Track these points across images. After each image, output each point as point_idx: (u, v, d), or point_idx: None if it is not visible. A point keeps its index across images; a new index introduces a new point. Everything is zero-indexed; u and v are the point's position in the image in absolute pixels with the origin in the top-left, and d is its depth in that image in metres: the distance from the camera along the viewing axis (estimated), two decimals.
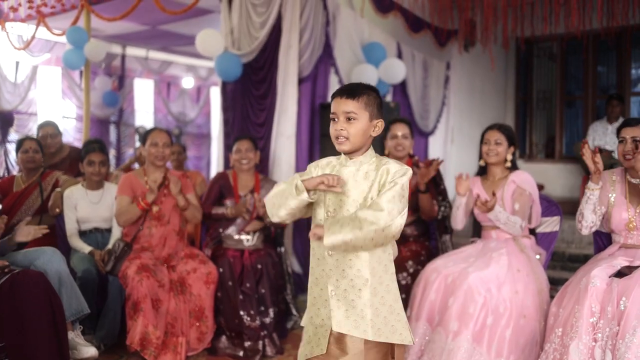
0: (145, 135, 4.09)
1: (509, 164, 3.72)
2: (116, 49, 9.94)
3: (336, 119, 2.17)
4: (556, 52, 8.60)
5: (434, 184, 4.17)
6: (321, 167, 2.28)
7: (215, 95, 12.06)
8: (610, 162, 6.81)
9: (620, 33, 7.33)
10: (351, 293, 2.13)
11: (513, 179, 3.66)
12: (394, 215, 2.05)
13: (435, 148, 7.37)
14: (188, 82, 11.82)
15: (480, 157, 3.81)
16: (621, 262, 3.17)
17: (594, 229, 3.34)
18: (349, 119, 2.15)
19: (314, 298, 2.22)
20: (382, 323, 2.13)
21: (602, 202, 3.34)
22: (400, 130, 4.09)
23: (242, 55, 5.37)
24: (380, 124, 2.21)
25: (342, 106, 2.15)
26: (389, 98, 6.38)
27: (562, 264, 5.96)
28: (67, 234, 4.21)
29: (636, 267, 3.07)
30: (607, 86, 8.63)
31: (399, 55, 6.52)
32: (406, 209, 2.12)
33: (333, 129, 2.17)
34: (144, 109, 11.50)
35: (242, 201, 4.19)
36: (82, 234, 4.25)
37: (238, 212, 4.17)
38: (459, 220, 3.79)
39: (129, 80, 10.99)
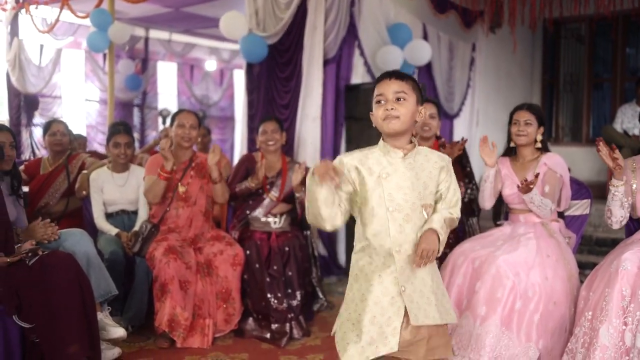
0: (172, 117, 4.09)
1: (539, 145, 3.64)
2: (139, 31, 9.96)
3: (383, 101, 2.15)
4: (584, 33, 8.43)
5: (460, 166, 4.11)
6: (359, 161, 2.18)
7: (238, 78, 12.04)
8: (638, 147, 6.68)
9: None
10: (418, 283, 2.17)
11: (545, 161, 3.58)
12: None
13: (460, 131, 7.29)
14: (211, 65, 11.81)
15: (509, 138, 3.73)
16: None
17: (624, 222, 3.28)
18: (398, 99, 2.13)
19: (376, 296, 2.14)
20: (442, 306, 2.20)
21: (626, 193, 3.26)
22: (427, 110, 4.01)
23: (267, 36, 5.34)
24: (423, 111, 2.22)
25: (391, 87, 2.14)
26: None
27: (590, 247, 5.89)
28: (93, 216, 4.22)
29: None
30: (636, 68, 8.45)
31: (425, 37, 6.44)
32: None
33: (382, 110, 2.14)
34: (168, 91, 11.53)
35: (258, 167, 4.15)
36: (109, 216, 4.27)
37: (258, 179, 4.14)
38: (487, 196, 3.65)
39: (152, 63, 11.01)
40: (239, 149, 11.46)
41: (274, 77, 5.46)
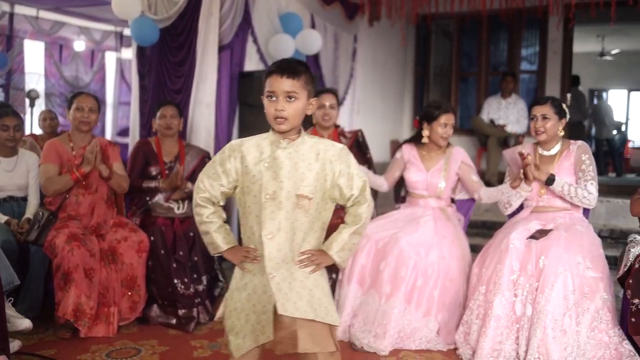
0: (70, 99, 3.93)
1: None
2: (4, 6, 9.26)
3: (274, 98, 2.13)
4: (452, 30, 9.02)
5: (360, 152, 4.33)
6: (246, 148, 2.22)
7: (110, 60, 11.56)
8: (504, 136, 7.32)
9: (515, 14, 7.82)
10: (288, 276, 2.17)
11: (457, 156, 3.95)
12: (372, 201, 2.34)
13: (343, 119, 7.52)
14: (80, 45, 11.22)
15: (421, 128, 4.00)
16: (535, 225, 3.51)
17: None
18: (289, 97, 2.12)
19: (254, 285, 2.20)
20: (317, 304, 2.17)
21: (514, 175, 3.68)
22: (327, 100, 4.20)
23: (159, 20, 5.21)
24: (314, 102, 2.24)
25: (282, 85, 2.11)
26: None
27: None
28: None
29: (548, 231, 3.43)
30: (498, 64, 9.19)
31: (313, 27, 6.58)
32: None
33: (272, 109, 2.13)
34: (35, 72, 10.80)
35: (174, 173, 4.11)
36: None
37: (171, 185, 4.10)
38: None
39: (18, 41, 10.26)
40: (110, 134, 11.09)
41: (165, 62, 5.35)
